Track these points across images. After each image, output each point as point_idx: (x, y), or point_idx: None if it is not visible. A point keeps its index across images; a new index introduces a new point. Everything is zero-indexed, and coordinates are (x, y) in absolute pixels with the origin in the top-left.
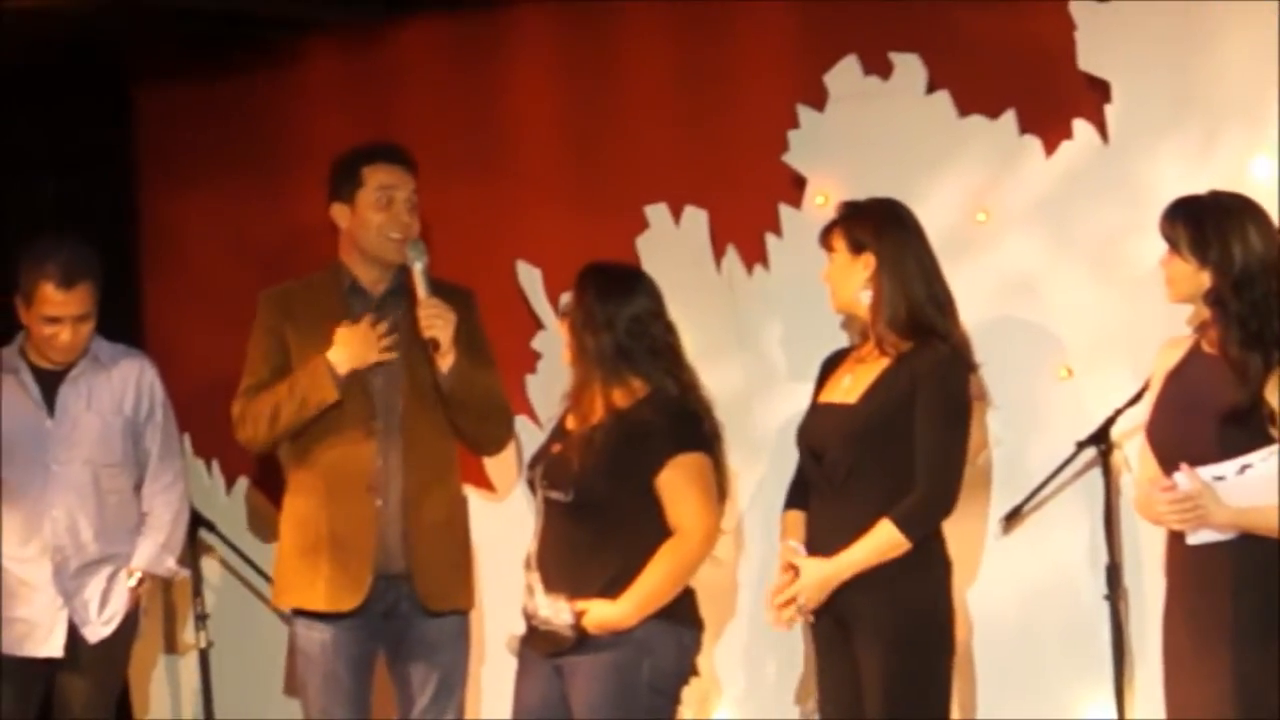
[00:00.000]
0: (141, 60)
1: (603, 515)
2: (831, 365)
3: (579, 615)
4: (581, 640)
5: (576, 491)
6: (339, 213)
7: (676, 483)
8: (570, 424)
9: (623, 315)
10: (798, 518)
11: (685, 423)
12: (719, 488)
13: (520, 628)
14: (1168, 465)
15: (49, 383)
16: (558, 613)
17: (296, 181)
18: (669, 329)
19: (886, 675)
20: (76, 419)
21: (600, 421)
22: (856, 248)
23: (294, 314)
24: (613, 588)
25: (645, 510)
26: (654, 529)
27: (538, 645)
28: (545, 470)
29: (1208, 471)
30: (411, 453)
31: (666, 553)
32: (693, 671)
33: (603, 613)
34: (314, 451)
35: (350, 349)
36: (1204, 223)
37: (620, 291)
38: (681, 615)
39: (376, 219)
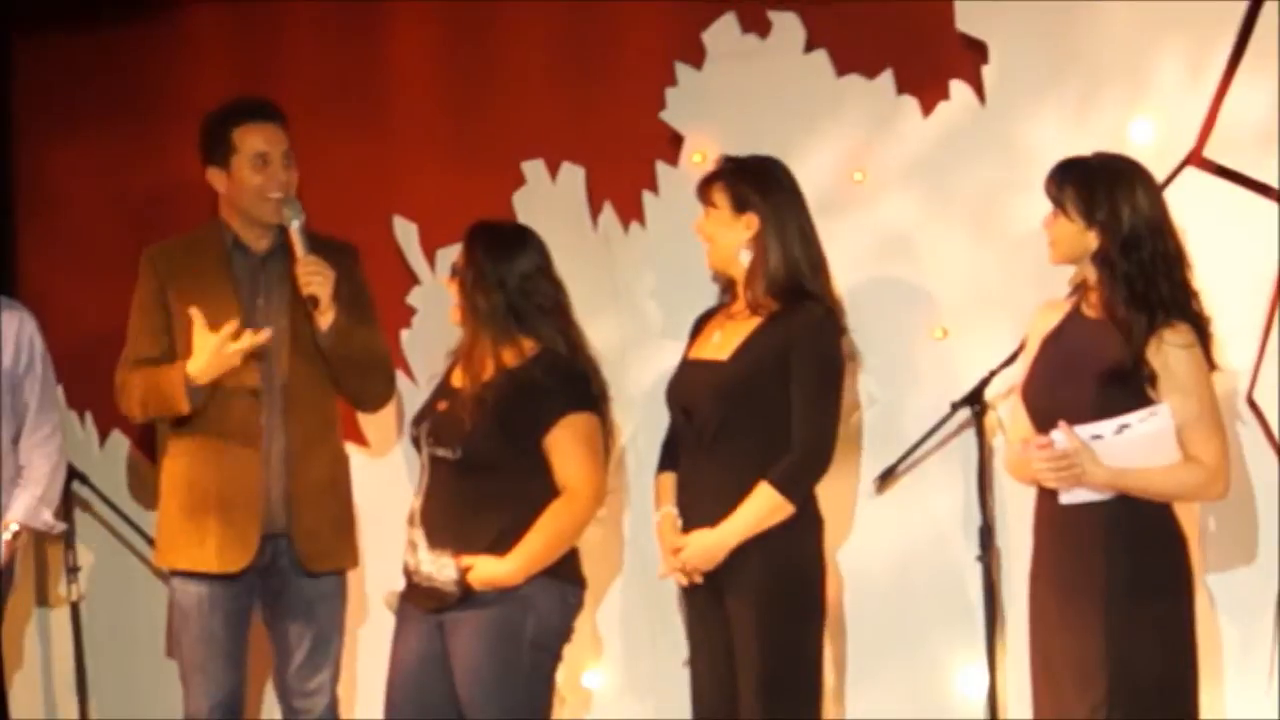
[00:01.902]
0: (20, 9)
1: (490, 473)
2: (702, 323)
3: (464, 571)
4: (465, 596)
5: (465, 450)
6: (215, 177)
7: (565, 442)
8: (457, 381)
9: (513, 274)
10: (672, 480)
11: (575, 383)
12: (605, 447)
13: (400, 585)
14: (1043, 427)
15: None
16: (441, 569)
17: (175, 134)
18: (558, 286)
19: (758, 633)
20: None
21: (490, 380)
22: (740, 206)
23: (175, 273)
24: (499, 545)
25: (533, 469)
26: (541, 487)
27: (418, 601)
28: (431, 428)
29: (1086, 430)
30: (294, 411)
31: (555, 511)
32: (573, 629)
33: (490, 569)
34: (197, 411)
35: (206, 359)
36: (1092, 184)
37: (510, 250)
38: (566, 572)
39: (254, 181)
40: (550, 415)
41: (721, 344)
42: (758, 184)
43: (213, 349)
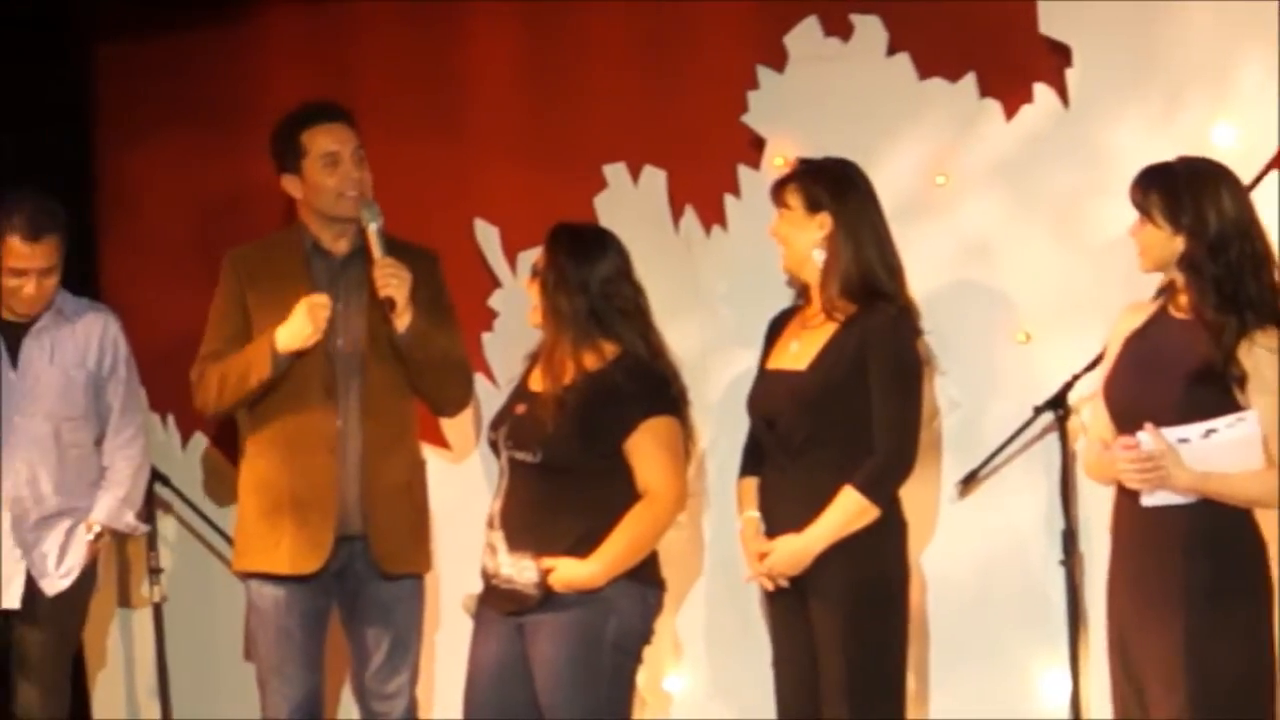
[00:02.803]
0: (101, 15)
1: (571, 476)
2: (777, 328)
3: (546, 573)
4: (546, 598)
5: (545, 453)
6: (290, 184)
7: (646, 446)
8: (535, 385)
9: (595, 277)
10: (753, 484)
11: (655, 386)
12: (686, 451)
13: (477, 588)
14: (1125, 425)
15: (12, 335)
16: (521, 571)
17: (255, 137)
18: (638, 290)
19: (842, 638)
20: (39, 372)
21: (571, 383)
22: (813, 206)
23: (255, 276)
24: (579, 548)
25: (613, 472)
26: (622, 490)
27: (497, 604)
28: (510, 431)
29: (1172, 433)
30: (370, 413)
31: (637, 515)
32: (653, 632)
33: (572, 571)
34: (274, 413)
35: (294, 326)
36: (1177, 188)
37: (592, 252)
38: (646, 574)
39: (328, 183)
40: (631, 419)
41: (799, 353)
42: (831, 185)
43: (300, 313)
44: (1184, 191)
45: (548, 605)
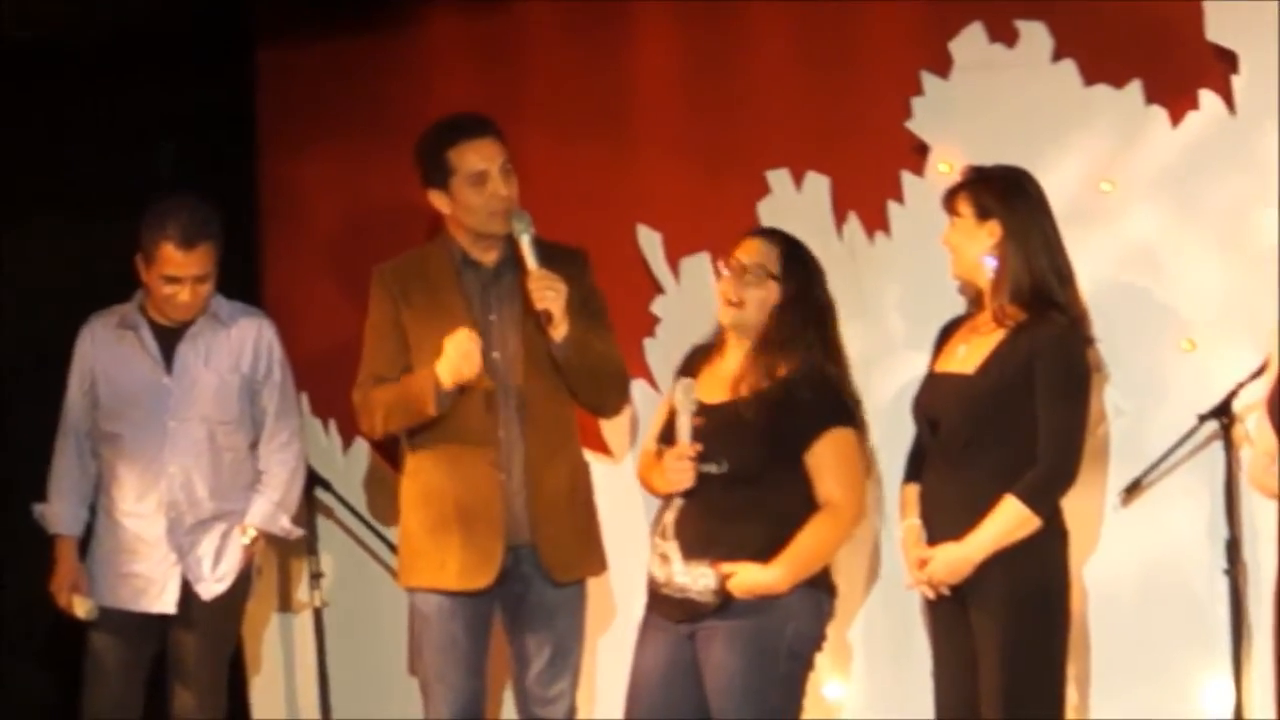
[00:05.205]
0: (265, 22)
1: (753, 487)
2: (947, 333)
3: (725, 579)
4: (722, 605)
5: (733, 464)
6: (437, 199)
7: (827, 457)
8: (707, 397)
9: (821, 288)
10: (916, 491)
11: (835, 397)
12: (865, 461)
13: (641, 591)
14: None
15: (168, 340)
16: (697, 579)
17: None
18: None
19: (1002, 646)
20: (194, 376)
21: (754, 394)
22: (983, 214)
23: (407, 290)
24: (760, 557)
25: (793, 483)
26: (801, 501)
27: (666, 612)
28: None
29: None
30: (531, 423)
31: (820, 523)
32: (825, 638)
33: (755, 577)
34: (436, 427)
35: (451, 362)
36: None
37: (818, 266)
38: (821, 581)
39: (476, 200)
40: (812, 431)
41: (968, 357)
42: (1000, 192)
43: (456, 347)
44: None
45: (723, 612)
